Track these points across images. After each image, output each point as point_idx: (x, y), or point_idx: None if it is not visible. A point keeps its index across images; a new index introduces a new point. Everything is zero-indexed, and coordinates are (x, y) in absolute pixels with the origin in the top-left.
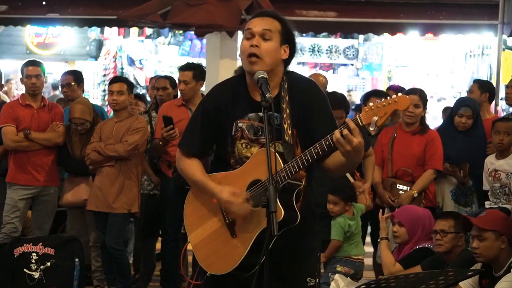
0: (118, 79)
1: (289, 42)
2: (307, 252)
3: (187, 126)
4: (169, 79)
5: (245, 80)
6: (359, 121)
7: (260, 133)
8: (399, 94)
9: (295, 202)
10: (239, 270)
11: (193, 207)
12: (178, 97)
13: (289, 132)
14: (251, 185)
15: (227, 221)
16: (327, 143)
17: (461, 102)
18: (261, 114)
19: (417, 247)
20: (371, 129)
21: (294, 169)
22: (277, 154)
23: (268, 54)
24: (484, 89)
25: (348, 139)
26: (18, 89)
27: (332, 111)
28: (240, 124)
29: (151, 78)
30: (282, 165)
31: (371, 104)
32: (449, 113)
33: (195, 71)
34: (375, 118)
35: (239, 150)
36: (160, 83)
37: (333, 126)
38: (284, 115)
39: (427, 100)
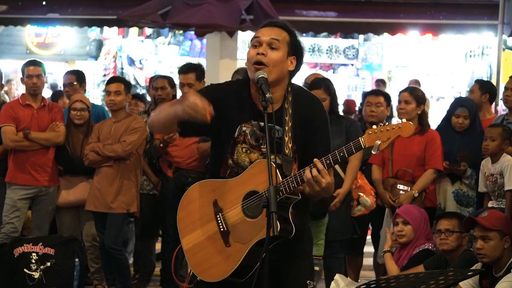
0: (116, 79)
1: (296, 54)
2: (302, 255)
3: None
4: (168, 78)
5: (249, 88)
6: (362, 143)
7: (261, 141)
8: (403, 120)
9: (290, 214)
10: (232, 277)
11: (187, 211)
12: (177, 97)
13: (290, 145)
14: (248, 196)
15: (222, 230)
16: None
17: (457, 103)
18: (262, 124)
19: (418, 249)
20: (373, 152)
21: (293, 185)
22: (275, 167)
23: (274, 63)
24: (485, 89)
25: (317, 180)
26: (18, 90)
27: (330, 133)
28: (244, 128)
29: (151, 78)
30: (281, 179)
31: (374, 127)
32: (446, 114)
33: (197, 72)
34: (378, 142)
35: (239, 153)
36: (159, 83)
37: (328, 150)
38: (286, 128)
39: (422, 98)
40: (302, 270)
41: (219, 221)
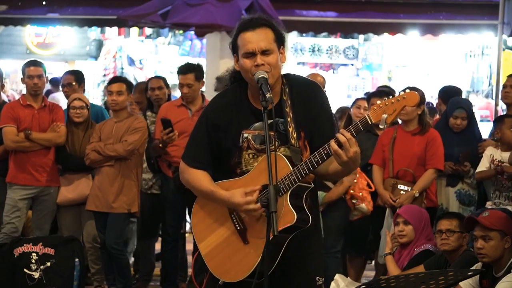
0: (117, 79)
1: (282, 43)
2: (312, 251)
3: (192, 139)
4: (162, 78)
5: (245, 90)
6: (368, 119)
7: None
8: (407, 90)
9: (305, 204)
10: (251, 277)
11: (200, 216)
12: (176, 97)
13: (295, 135)
14: (261, 190)
15: (238, 228)
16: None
17: (455, 104)
18: (269, 121)
19: (418, 250)
20: (381, 126)
21: (304, 172)
22: (284, 157)
23: (273, 66)
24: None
25: (346, 148)
26: (13, 88)
27: (331, 111)
28: (246, 135)
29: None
30: (291, 169)
31: (378, 102)
32: (443, 115)
33: (196, 72)
34: (385, 115)
35: (246, 160)
36: (155, 83)
37: (334, 128)
38: (288, 119)
39: (422, 98)
40: (312, 266)
41: (234, 220)
